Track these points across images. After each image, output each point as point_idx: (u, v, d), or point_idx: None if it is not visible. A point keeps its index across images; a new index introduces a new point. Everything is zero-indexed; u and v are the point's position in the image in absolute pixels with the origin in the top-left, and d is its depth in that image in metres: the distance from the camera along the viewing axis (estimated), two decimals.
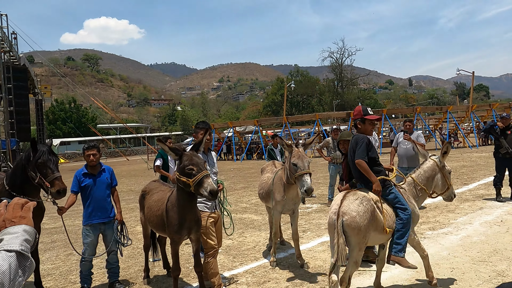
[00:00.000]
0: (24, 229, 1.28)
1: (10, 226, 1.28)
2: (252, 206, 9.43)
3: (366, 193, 3.60)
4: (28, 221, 1.32)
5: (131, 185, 16.18)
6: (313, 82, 75.42)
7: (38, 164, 3.98)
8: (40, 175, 3.97)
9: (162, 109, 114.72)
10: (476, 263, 4.63)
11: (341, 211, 3.42)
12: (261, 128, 30.41)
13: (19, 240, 1.23)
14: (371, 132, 4.09)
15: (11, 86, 16.70)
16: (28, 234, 1.28)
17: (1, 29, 16.27)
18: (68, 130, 55.51)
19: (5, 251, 1.18)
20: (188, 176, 3.47)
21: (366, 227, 3.38)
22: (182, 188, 3.63)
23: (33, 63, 58.01)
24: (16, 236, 1.24)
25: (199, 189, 3.42)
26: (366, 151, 3.75)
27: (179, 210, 3.74)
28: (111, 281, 4.61)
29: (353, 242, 3.43)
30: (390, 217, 3.64)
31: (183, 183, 3.53)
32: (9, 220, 1.30)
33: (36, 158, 3.99)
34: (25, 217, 1.32)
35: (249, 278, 4.66)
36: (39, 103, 26.03)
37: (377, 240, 3.76)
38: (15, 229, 1.27)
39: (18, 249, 1.20)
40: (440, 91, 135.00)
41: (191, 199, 3.73)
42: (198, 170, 3.46)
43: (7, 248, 1.19)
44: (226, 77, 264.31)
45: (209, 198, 3.46)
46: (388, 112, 28.13)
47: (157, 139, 4.03)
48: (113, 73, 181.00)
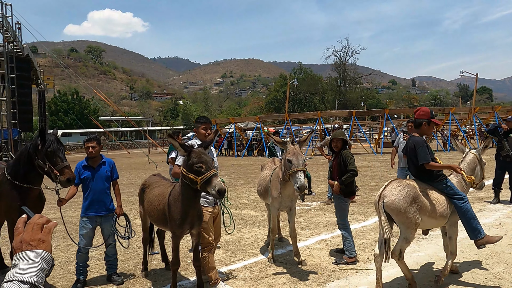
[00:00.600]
0: (41, 256, 1.16)
1: (27, 250, 1.16)
2: (252, 203, 9.45)
3: (411, 182, 4.04)
4: (47, 246, 1.20)
5: (132, 178, 16.22)
6: (316, 80, 75.33)
7: (47, 152, 4.01)
8: (50, 164, 4.00)
9: (164, 103, 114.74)
10: (473, 265, 4.64)
11: (382, 194, 3.95)
12: (263, 124, 30.41)
13: (35, 270, 1.12)
14: (430, 134, 4.57)
15: (14, 76, 16.66)
16: (45, 262, 1.16)
17: (5, 19, 16.23)
18: (70, 121, 55.59)
19: (19, 282, 1.08)
20: (196, 173, 3.47)
21: (406, 209, 3.82)
22: (187, 184, 3.63)
23: (37, 54, 58.02)
24: (33, 264, 1.13)
25: (207, 187, 3.43)
26: (429, 153, 4.11)
27: (182, 205, 3.75)
28: (109, 273, 4.64)
29: (397, 221, 3.93)
30: (441, 205, 3.99)
31: (190, 179, 3.52)
32: (27, 242, 1.17)
33: (46, 147, 4.02)
34: (44, 241, 1.20)
35: (247, 274, 4.69)
36: (42, 94, 26.03)
37: (431, 224, 4.15)
38: (32, 255, 1.15)
39: (33, 281, 1.09)
40: (443, 92, 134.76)
41: (195, 195, 3.74)
42: (207, 169, 3.46)
43: (21, 279, 1.09)
44: (229, 72, 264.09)
45: (217, 197, 3.48)
46: (390, 112, 28.10)
47: (168, 134, 4.06)
48: (116, 66, 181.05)
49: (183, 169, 3.64)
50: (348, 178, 4.83)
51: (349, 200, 5.02)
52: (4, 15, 16.38)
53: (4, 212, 4.31)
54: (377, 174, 14.00)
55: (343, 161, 4.95)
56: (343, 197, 4.97)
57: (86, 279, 4.59)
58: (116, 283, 4.51)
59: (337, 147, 5.10)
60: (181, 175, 3.69)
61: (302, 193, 4.46)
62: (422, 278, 4.31)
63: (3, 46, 16.70)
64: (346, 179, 4.83)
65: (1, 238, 5.36)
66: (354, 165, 4.88)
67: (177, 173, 4.05)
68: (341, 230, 5.07)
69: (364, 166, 17.05)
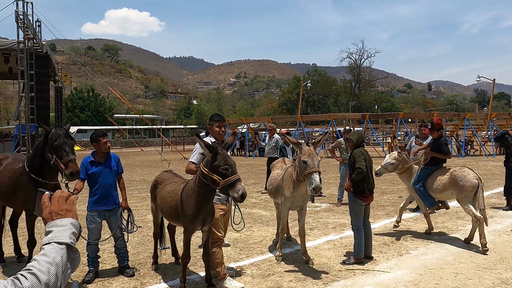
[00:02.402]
0: (71, 222, 1.30)
1: (57, 219, 1.29)
2: (262, 202, 9.52)
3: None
4: (74, 215, 1.34)
5: (144, 175, 16.45)
6: (330, 82, 75.05)
7: (54, 146, 4.15)
8: (56, 157, 4.14)
9: (178, 102, 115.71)
10: (481, 270, 4.63)
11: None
12: (275, 126, 30.38)
13: (68, 233, 1.25)
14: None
15: (33, 72, 17.05)
16: (75, 228, 1.30)
17: (26, 17, 16.63)
18: (85, 118, 56.48)
19: (56, 243, 1.20)
20: (221, 175, 3.53)
21: None
22: (204, 183, 3.71)
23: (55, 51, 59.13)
24: (65, 228, 1.26)
25: (229, 190, 3.51)
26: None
27: (196, 202, 3.82)
28: (121, 266, 4.77)
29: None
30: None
31: (212, 180, 3.57)
32: (56, 212, 1.31)
33: (53, 141, 4.16)
34: (70, 210, 1.34)
35: (254, 271, 4.77)
36: (59, 90, 26.49)
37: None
38: (63, 222, 1.28)
39: (68, 241, 1.22)
40: (459, 97, 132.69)
41: (210, 194, 3.83)
42: (232, 172, 3.54)
43: (58, 240, 1.21)
44: (243, 73, 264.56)
45: (238, 201, 3.55)
46: (405, 116, 27.79)
47: (195, 133, 4.16)
48: (132, 64, 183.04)
49: (204, 169, 3.66)
50: (356, 176, 4.90)
51: (361, 201, 5.05)
52: (25, 13, 16.77)
53: (22, 202, 4.48)
54: (389, 177, 13.91)
55: (353, 160, 5.04)
56: (353, 196, 5.03)
57: (98, 270, 4.73)
58: (127, 275, 4.64)
59: (350, 147, 5.38)
60: (200, 173, 3.73)
61: (317, 194, 4.52)
62: (428, 281, 4.32)
63: (23, 43, 17.11)
64: (354, 177, 4.92)
65: (18, 228, 5.56)
66: (361, 163, 4.93)
67: (192, 170, 4.10)
68: (353, 231, 5.12)
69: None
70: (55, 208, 1.32)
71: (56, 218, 1.30)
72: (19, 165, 4.63)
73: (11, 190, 4.54)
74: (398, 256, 5.22)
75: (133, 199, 9.84)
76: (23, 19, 16.37)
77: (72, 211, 1.34)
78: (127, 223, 4.83)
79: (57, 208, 1.32)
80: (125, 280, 4.55)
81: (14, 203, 4.74)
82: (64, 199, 1.35)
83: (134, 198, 10.08)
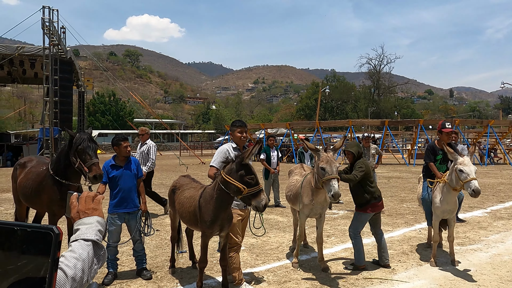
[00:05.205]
0: (97, 220, 1.36)
1: (84, 217, 1.36)
2: (278, 208, 9.50)
3: None
4: (100, 213, 1.40)
5: (163, 179, 16.64)
6: (349, 88, 74.46)
7: (78, 150, 4.27)
8: (80, 161, 4.25)
9: (196, 107, 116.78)
10: (504, 282, 4.50)
11: None
12: (293, 131, 30.38)
13: (94, 230, 1.31)
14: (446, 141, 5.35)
15: (57, 77, 17.57)
16: (101, 225, 1.36)
17: (52, 23, 17.16)
18: (106, 122, 57.68)
19: (83, 240, 1.26)
20: (246, 184, 3.55)
21: None
22: (223, 190, 3.72)
23: (78, 57, 60.68)
24: (91, 226, 1.33)
25: (252, 200, 3.54)
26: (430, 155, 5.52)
27: (214, 207, 3.85)
28: (139, 268, 4.84)
29: None
30: None
31: (235, 188, 3.58)
32: (83, 211, 1.38)
33: (77, 145, 4.28)
34: (97, 209, 1.41)
35: (270, 277, 4.76)
36: (82, 95, 27.18)
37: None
38: (89, 220, 1.35)
39: (94, 238, 1.28)
40: (482, 104, 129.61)
41: (229, 201, 3.86)
42: (257, 182, 3.58)
43: (85, 237, 1.27)
44: (261, 78, 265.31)
45: (260, 210, 3.58)
46: (425, 123, 27.32)
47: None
48: (152, 70, 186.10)
49: (227, 176, 3.66)
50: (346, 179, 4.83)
51: (367, 214, 5.00)
52: (51, 20, 17.30)
53: (46, 204, 4.61)
54: (408, 185, 13.69)
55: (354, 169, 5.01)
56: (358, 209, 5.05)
57: (117, 272, 4.81)
58: (145, 278, 4.70)
59: (349, 160, 5.22)
60: (222, 180, 3.72)
61: (336, 201, 4.48)
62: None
63: (48, 49, 17.64)
64: (343, 176, 4.83)
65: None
66: (358, 171, 4.88)
67: (212, 176, 4.11)
68: (350, 237, 5.12)
69: (395, 177, 16.71)
70: (82, 207, 1.39)
71: (83, 217, 1.37)
72: (43, 167, 4.78)
73: (35, 192, 4.68)
74: (418, 266, 5.12)
75: (151, 202, 9.96)
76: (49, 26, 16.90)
77: (98, 209, 1.41)
78: (145, 226, 4.91)
79: (84, 207, 1.39)
80: (142, 283, 4.61)
81: (38, 204, 4.88)
82: (91, 198, 1.42)
83: (152, 201, 10.20)
